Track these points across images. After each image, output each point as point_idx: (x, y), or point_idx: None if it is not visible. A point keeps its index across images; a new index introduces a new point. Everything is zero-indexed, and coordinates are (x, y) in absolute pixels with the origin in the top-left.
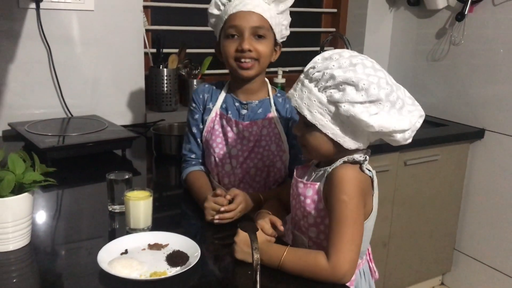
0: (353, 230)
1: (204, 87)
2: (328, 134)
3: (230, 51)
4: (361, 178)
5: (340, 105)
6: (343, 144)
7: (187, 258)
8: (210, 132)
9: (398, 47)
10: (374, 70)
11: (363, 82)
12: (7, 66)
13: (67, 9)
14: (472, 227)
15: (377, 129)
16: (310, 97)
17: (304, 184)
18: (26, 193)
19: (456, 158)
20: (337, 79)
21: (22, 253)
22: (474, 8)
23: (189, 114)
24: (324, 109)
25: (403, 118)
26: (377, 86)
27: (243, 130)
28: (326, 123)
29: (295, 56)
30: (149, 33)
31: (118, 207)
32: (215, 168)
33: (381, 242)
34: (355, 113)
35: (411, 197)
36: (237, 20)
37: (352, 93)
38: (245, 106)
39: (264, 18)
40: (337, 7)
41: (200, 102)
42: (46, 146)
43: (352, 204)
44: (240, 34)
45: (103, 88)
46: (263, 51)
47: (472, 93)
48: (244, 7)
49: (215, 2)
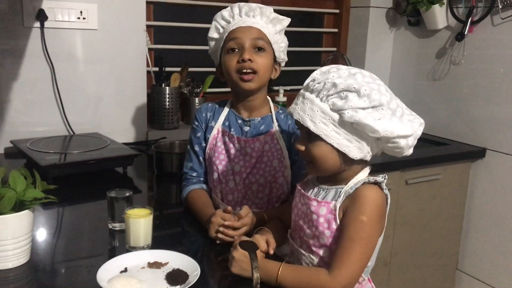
0: (363, 251)
1: (207, 106)
2: (333, 144)
3: (231, 64)
4: (382, 200)
5: (344, 112)
6: (349, 154)
7: (187, 276)
8: (213, 149)
9: (399, 66)
10: (373, 79)
11: (365, 88)
12: (10, 83)
13: (71, 28)
14: (475, 247)
15: (382, 133)
16: (312, 107)
17: (318, 203)
18: (26, 210)
19: (458, 178)
20: (338, 87)
21: (22, 271)
22: (474, 28)
23: (192, 133)
24: (328, 119)
25: (405, 125)
26: (378, 92)
27: (245, 146)
28: (330, 133)
29: (296, 75)
30: (152, 52)
31: (118, 225)
32: (219, 185)
33: (382, 261)
34: (359, 118)
35: (413, 216)
36: (237, 34)
37: (354, 99)
38: (247, 123)
39: (262, 32)
40: (338, 27)
41: (202, 120)
42: (48, 164)
43: (369, 226)
44: (241, 46)
45: (105, 106)
46: (263, 63)
47: (473, 112)
48: (243, 24)
49: (215, 26)
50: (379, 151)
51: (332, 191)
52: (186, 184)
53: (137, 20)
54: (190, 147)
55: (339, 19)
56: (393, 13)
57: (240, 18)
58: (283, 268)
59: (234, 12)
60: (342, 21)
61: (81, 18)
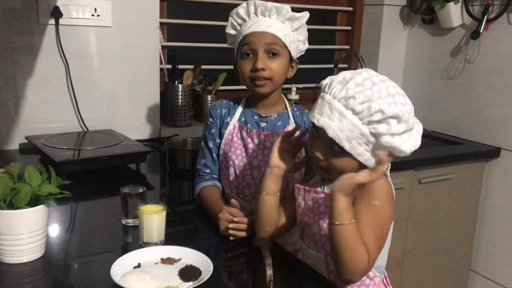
0: (381, 236)
1: (221, 103)
2: (361, 161)
3: (245, 71)
4: (390, 187)
5: (382, 137)
6: (369, 166)
7: (200, 273)
8: (229, 145)
9: (412, 65)
10: (403, 97)
11: (405, 114)
12: (25, 80)
13: (85, 25)
14: (488, 247)
15: (409, 153)
16: (352, 129)
17: (325, 194)
18: (42, 205)
19: (472, 177)
20: (385, 114)
21: (36, 265)
22: (489, 26)
23: (206, 129)
24: (364, 140)
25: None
26: (411, 114)
27: (265, 141)
28: (361, 151)
29: (309, 73)
30: (165, 49)
31: (132, 220)
32: (235, 180)
33: (395, 261)
34: (395, 144)
35: (426, 215)
36: (250, 38)
37: (394, 125)
38: (264, 119)
39: (277, 37)
40: (351, 25)
41: (217, 116)
42: (62, 160)
43: (382, 210)
44: (254, 52)
45: (119, 103)
46: (277, 69)
47: (487, 111)
48: (257, 28)
49: (231, 23)
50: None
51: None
52: (199, 180)
53: (150, 18)
54: (204, 144)
55: (352, 17)
56: (407, 11)
57: (256, 18)
58: (354, 223)
59: (250, 11)
60: (356, 19)
61: (95, 15)
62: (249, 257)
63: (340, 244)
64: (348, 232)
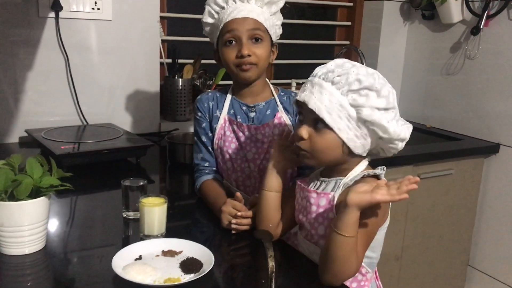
0: (369, 241)
1: (207, 95)
2: (343, 138)
3: (230, 58)
4: None
5: (362, 110)
6: (354, 149)
7: (201, 265)
8: (222, 139)
9: (412, 60)
10: (385, 81)
11: (385, 89)
12: (25, 73)
13: (85, 19)
14: (487, 243)
15: (393, 135)
16: (331, 99)
17: (317, 194)
18: (43, 197)
19: (471, 173)
20: (362, 84)
21: (37, 257)
22: (489, 22)
23: (196, 124)
24: (344, 112)
25: (403, 128)
26: (392, 94)
27: (256, 133)
28: (343, 127)
29: (308, 68)
30: (165, 43)
31: (133, 213)
32: (233, 174)
33: (393, 256)
34: (375, 118)
35: (424, 211)
36: (233, 25)
37: (374, 98)
38: (252, 108)
39: (259, 22)
40: (351, 20)
41: (205, 110)
42: (62, 153)
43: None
44: (238, 39)
45: (119, 96)
46: (261, 54)
47: (487, 107)
48: (238, 14)
49: (208, 11)
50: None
51: (332, 183)
52: (199, 175)
53: (151, 11)
54: (197, 139)
55: (352, 12)
56: (407, 6)
57: (235, 5)
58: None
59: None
60: (356, 14)
61: (96, 8)
62: (250, 250)
63: (336, 253)
64: (349, 244)
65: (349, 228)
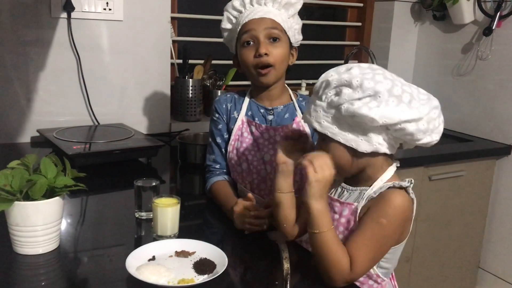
0: (377, 253)
1: (226, 97)
2: (340, 140)
3: (249, 59)
4: (408, 205)
5: (341, 107)
6: (357, 148)
7: (215, 266)
8: (239, 140)
9: (423, 61)
10: (371, 69)
11: (356, 79)
12: (37, 74)
13: (97, 19)
14: (498, 245)
15: (380, 121)
16: (315, 108)
17: (341, 204)
18: (57, 197)
19: (482, 175)
20: (332, 84)
21: (51, 257)
22: (502, 23)
23: (212, 125)
24: (329, 116)
25: (411, 109)
26: (372, 80)
27: (275, 135)
28: (335, 130)
29: (319, 68)
30: (176, 44)
31: (145, 214)
32: (249, 176)
33: (404, 257)
34: (354, 110)
35: (435, 212)
36: (250, 26)
37: (348, 92)
38: (270, 111)
39: (276, 22)
40: (362, 21)
41: (223, 111)
42: (74, 153)
43: (387, 230)
44: (256, 39)
45: (130, 97)
46: (278, 54)
47: (499, 108)
48: (256, 15)
49: (227, 17)
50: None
51: (356, 193)
52: (209, 176)
53: (161, 12)
54: (212, 140)
55: (362, 13)
56: (418, 7)
57: (252, 8)
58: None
59: (245, 1)
60: (366, 15)
61: (107, 9)
62: (264, 251)
63: (318, 251)
64: (326, 239)
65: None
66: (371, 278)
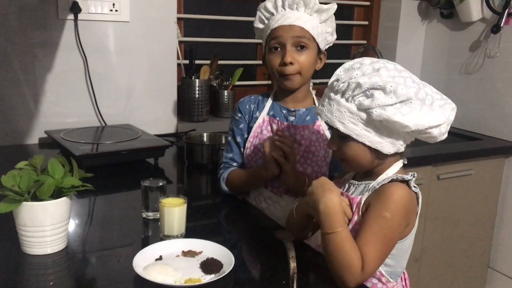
0: (385, 248)
1: (250, 98)
2: (365, 142)
3: (274, 65)
4: (409, 198)
5: (372, 111)
6: (382, 150)
7: (221, 266)
8: (258, 137)
9: (431, 59)
10: (398, 71)
11: (390, 85)
12: (44, 75)
13: (103, 20)
14: (507, 244)
15: (413, 128)
16: (339, 109)
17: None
18: (65, 197)
19: (491, 173)
20: (363, 86)
21: (59, 257)
22: (510, 20)
23: (234, 124)
24: (356, 118)
25: (436, 113)
26: (404, 85)
27: (295, 133)
28: (361, 132)
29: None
30: (182, 44)
31: (152, 214)
32: None
33: (412, 257)
34: (388, 116)
35: (444, 212)
36: (278, 32)
37: (381, 97)
38: (292, 113)
39: (305, 29)
40: (369, 20)
41: (246, 111)
42: (82, 153)
43: (392, 223)
44: (283, 46)
45: (137, 97)
46: (305, 62)
47: (507, 106)
48: (285, 21)
49: (259, 17)
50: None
51: (361, 186)
52: (225, 170)
53: (168, 13)
54: (232, 138)
55: (369, 12)
56: (425, 5)
57: (284, 12)
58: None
59: (277, 4)
60: (373, 13)
61: (114, 10)
62: (271, 250)
63: (330, 251)
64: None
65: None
66: (374, 276)
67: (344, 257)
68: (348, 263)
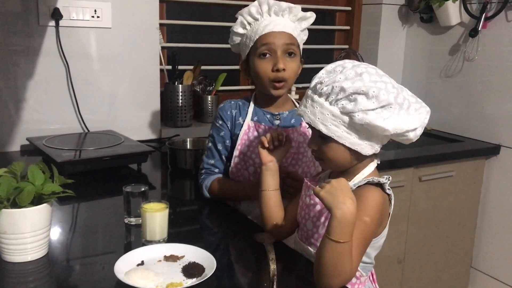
0: (364, 249)
1: (230, 104)
2: (345, 144)
3: (264, 71)
4: (383, 201)
5: (354, 115)
6: (361, 151)
7: (203, 269)
8: (246, 145)
9: (411, 63)
10: (379, 76)
11: (373, 90)
12: (26, 82)
13: (85, 27)
14: (489, 244)
15: (392, 132)
16: (322, 111)
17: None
18: (45, 204)
19: (472, 174)
20: (347, 91)
21: (40, 264)
22: (487, 24)
23: (214, 131)
24: (339, 121)
25: (412, 117)
26: (386, 91)
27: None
28: (342, 134)
29: (308, 72)
30: (165, 50)
31: (134, 219)
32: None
33: (396, 259)
34: (369, 120)
35: (426, 213)
36: (269, 39)
37: (363, 101)
38: (277, 116)
39: (293, 37)
40: (350, 25)
41: (228, 118)
42: (64, 160)
43: (371, 226)
44: (273, 52)
45: (120, 103)
46: (293, 68)
47: (487, 108)
48: (275, 27)
49: (240, 22)
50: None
51: None
52: (206, 177)
53: (150, 19)
54: (213, 145)
55: (351, 17)
56: (405, 10)
57: (270, 18)
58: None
59: (262, 10)
60: (354, 18)
61: (95, 16)
62: (252, 253)
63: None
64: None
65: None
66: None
67: (339, 267)
68: (341, 272)
